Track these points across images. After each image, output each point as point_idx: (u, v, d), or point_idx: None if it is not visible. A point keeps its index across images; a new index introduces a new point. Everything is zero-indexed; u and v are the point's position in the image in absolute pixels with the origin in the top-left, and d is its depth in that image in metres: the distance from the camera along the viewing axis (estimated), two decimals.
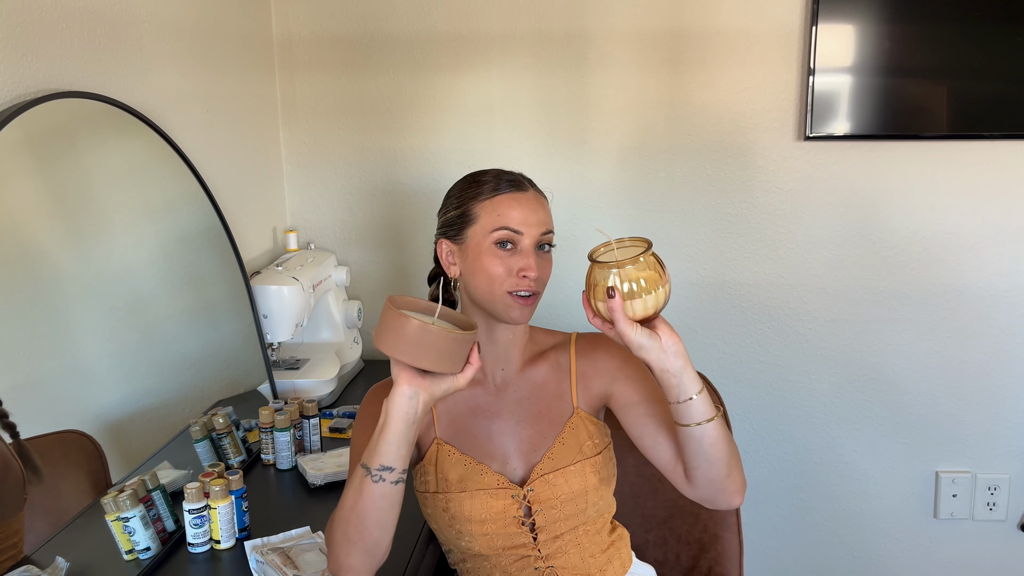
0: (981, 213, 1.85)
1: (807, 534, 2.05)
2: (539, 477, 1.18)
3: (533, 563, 1.20)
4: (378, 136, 1.95)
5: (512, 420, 1.21)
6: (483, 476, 1.18)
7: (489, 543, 1.18)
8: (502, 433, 1.21)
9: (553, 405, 1.22)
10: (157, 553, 1.16)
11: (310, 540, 1.18)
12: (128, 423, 1.27)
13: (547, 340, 1.27)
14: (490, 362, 1.22)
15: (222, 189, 1.63)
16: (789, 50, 1.81)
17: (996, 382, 1.92)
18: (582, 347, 1.26)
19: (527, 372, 1.23)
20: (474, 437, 1.20)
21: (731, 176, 1.88)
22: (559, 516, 1.18)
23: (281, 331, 1.65)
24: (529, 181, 1.21)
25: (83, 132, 1.25)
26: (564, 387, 1.24)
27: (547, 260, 1.17)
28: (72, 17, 1.24)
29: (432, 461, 1.19)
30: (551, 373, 1.24)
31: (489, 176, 1.19)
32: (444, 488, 1.18)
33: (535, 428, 1.21)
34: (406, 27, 1.89)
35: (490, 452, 1.20)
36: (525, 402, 1.22)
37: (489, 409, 1.22)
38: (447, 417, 1.21)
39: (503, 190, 1.17)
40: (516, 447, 1.21)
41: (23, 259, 1.12)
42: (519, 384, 1.23)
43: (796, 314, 1.94)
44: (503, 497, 1.17)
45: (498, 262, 1.14)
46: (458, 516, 1.17)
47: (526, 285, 1.13)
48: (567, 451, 1.20)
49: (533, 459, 1.20)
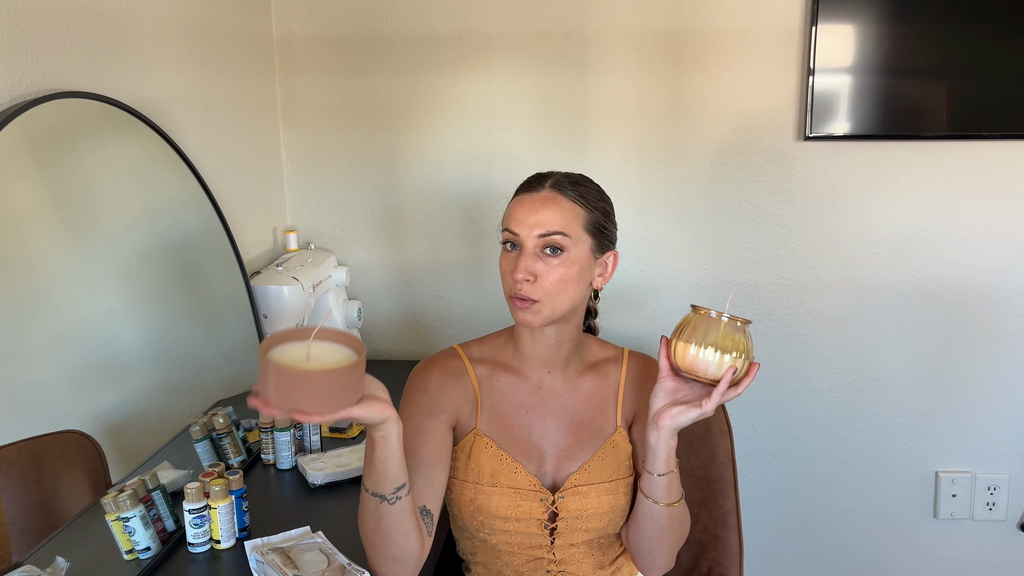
0: (981, 213, 1.85)
1: (807, 534, 2.05)
2: (572, 487, 1.18)
3: (546, 565, 1.20)
4: (378, 136, 1.95)
5: (554, 423, 1.21)
6: (516, 475, 1.18)
7: (507, 539, 1.18)
8: (542, 434, 1.21)
9: (596, 419, 1.22)
10: (157, 553, 1.16)
11: (310, 540, 1.18)
12: (128, 423, 1.27)
13: (599, 352, 1.27)
14: (536, 364, 1.22)
15: (222, 189, 1.63)
16: (789, 50, 1.81)
17: (996, 382, 1.92)
18: (632, 368, 1.26)
19: (577, 381, 1.23)
20: (514, 434, 1.20)
21: (731, 176, 1.88)
22: (582, 527, 1.19)
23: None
24: (556, 178, 1.16)
25: (83, 132, 1.25)
26: (610, 403, 1.23)
27: (554, 265, 1.12)
28: (72, 17, 1.24)
29: (466, 449, 1.19)
30: (599, 386, 1.24)
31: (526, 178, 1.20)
32: (475, 479, 1.18)
33: (575, 437, 1.21)
34: (406, 27, 1.89)
35: (527, 451, 1.20)
36: (570, 410, 1.22)
37: (532, 408, 1.21)
38: (490, 411, 1.21)
39: (520, 191, 1.17)
40: (553, 451, 1.20)
41: (23, 259, 1.12)
42: (567, 391, 1.23)
43: (796, 314, 1.94)
44: (532, 499, 1.17)
45: (504, 262, 1.15)
46: (484, 508, 1.17)
47: (516, 288, 1.12)
48: (605, 467, 1.20)
49: (568, 467, 1.20)
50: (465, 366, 1.23)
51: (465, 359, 1.23)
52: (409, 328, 2.04)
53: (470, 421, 1.21)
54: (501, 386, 1.22)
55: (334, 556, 1.10)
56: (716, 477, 1.57)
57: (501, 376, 1.22)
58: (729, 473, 1.57)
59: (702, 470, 1.57)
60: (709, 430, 1.57)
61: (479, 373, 1.22)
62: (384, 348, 2.05)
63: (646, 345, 1.96)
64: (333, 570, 1.07)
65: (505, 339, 1.25)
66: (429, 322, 2.02)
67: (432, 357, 1.24)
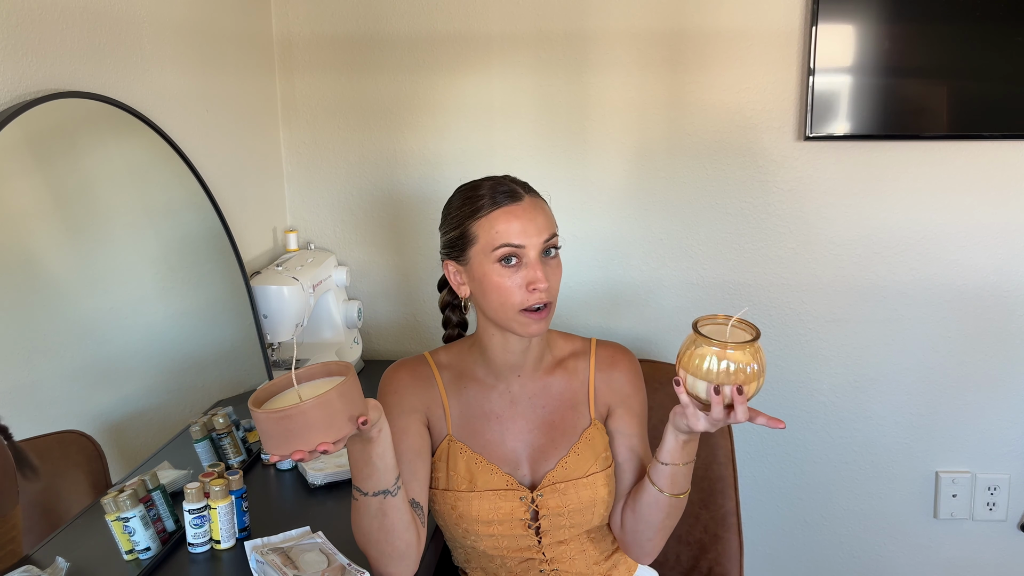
0: (981, 213, 1.85)
1: (807, 534, 2.05)
2: (550, 484, 1.18)
3: (538, 565, 1.20)
4: (378, 136, 1.95)
5: (526, 427, 1.21)
6: (493, 476, 1.18)
7: (495, 544, 1.18)
8: (515, 439, 1.21)
9: (568, 415, 1.22)
10: (157, 553, 1.16)
11: (310, 540, 1.18)
12: (128, 423, 1.27)
13: (566, 346, 1.26)
14: (505, 370, 1.21)
15: (222, 189, 1.63)
16: (789, 50, 1.81)
17: (996, 382, 1.92)
18: (602, 359, 1.25)
19: (545, 380, 1.23)
20: (487, 440, 1.20)
21: (731, 176, 1.88)
22: (565, 524, 1.19)
23: (281, 331, 1.65)
24: (524, 186, 1.16)
25: (83, 132, 1.25)
26: (581, 397, 1.23)
27: (555, 265, 1.14)
28: (72, 17, 1.24)
29: (443, 458, 1.19)
30: (568, 382, 1.23)
31: (483, 190, 1.14)
32: (454, 485, 1.18)
33: (548, 437, 1.21)
34: (406, 27, 1.88)
35: (502, 455, 1.20)
36: (541, 410, 1.22)
37: (503, 415, 1.21)
38: (461, 418, 1.21)
39: (499, 204, 1.12)
40: (528, 454, 1.21)
41: (23, 259, 1.12)
42: (536, 392, 1.22)
43: (796, 314, 1.94)
44: (511, 499, 1.17)
45: (506, 280, 1.11)
46: (466, 515, 1.17)
47: (536, 299, 1.10)
48: (582, 461, 1.20)
49: (544, 467, 1.20)
50: (432, 372, 1.23)
51: (433, 365, 1.24)
52: (409, 328, 2.04)
53: (442, 427, 1.21)
54: (469, 393, 1.22)
55: (334, 556, 1.10)
56: (716, 477, 1.57)
57: (468, 384, 1.22)
58: (729, 473, 1.58)
59: (702, 470, 1.57)
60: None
61: (446, 379, 1.22)
62: (384, 348, 2.05)
63: (646, 346, 1.97)
64: (333, 570, 1.07)
65: (469, 347, 1.24)
66: (429, 322, 2.02)
67: (401, 361, 1.24)
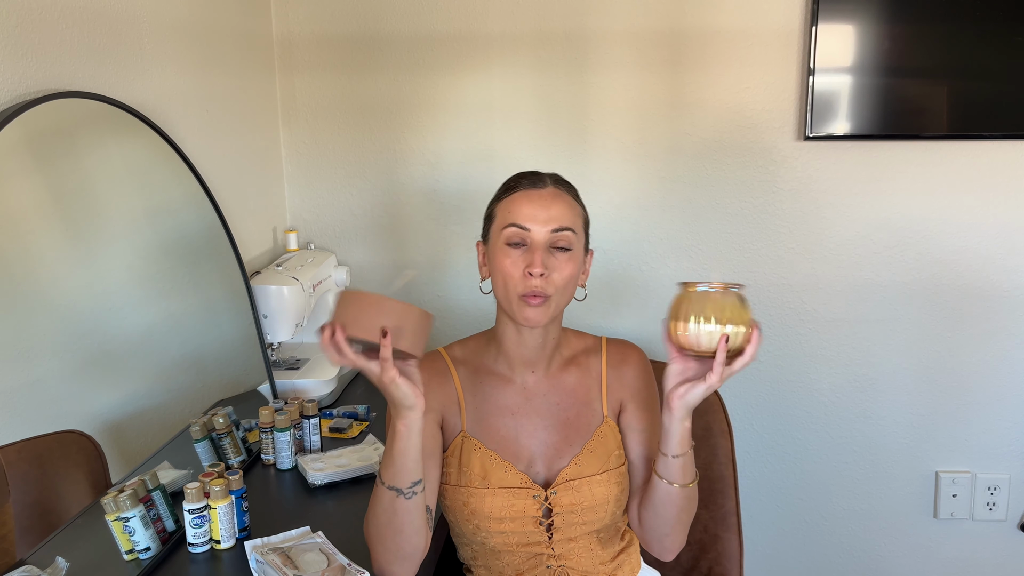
0: (981, 213, 1.85)
1: (807, 534, 2.05)
2: (564, 482, 1.18)
3: (545, 561, 1.20)
4: (378, 136, 1.95)
5: (540, 424, 1.21)
6: (507, 473, 1.18)
7: (505, 540, 1.18)
8: (529, 435, 1.21)
9: (582, 412, 1.22)
10: (157, 553, 1.16)
11: (310, 540, 1.18)
12: (128, 423, 1.27)
13: (578, 343, 1.26)
14: (520, 365, 1.21)
15: (222, 189, 1.63)
16: (789, 50, 1.81)
17: (996, 382, 1.92)
18: (612, 355, 1.25)
19: (559, 377, 1.23)
20: (501, 436, 1.20)
21: (731, 176, 1.88)
22: (577, 521, 1.19)
23: (281, 331, 1.65)
24: (553, 178, 1.18)
25: (83, 132, 1.25)
26: (594, 395, 1.23)
27: (564, 260, 1.13)
28: (72, 17, 1.24)
29: (456, 453, 1.19)
30: (581, 379, 1.23)
31: (519, 177, 1.18)
32: (467, 482, 1.18)
33: (562, 434, 1.21)
34: (406, 27, 1.89)
35: (516, 452, 1.20)
36: (555, 407, 1.22)
37: (518, 411, 1.21)
38: (475, 413, 1.21)
39: (521, 188, 1.15)
40: (542, 451, 1.20)
41: (23, 259, 1.12)
42: (550, 389, 1.22)
43: (796, 314, 1.94)
44: (525, 497, 1.17)
45: (508, 261, 1.12)
46: (478, 512, 1.17)
47: (531, 285, 1.11)
48: (595, 459, 1.20)
49: (558, 464, 1.20)
50: (448, 367, 1.23)
51: (448, 361, 1.23)
52: None
53: (456, 423, 1.21)
54: (485, 389, 1.22)
55: (334, 556, 1.10)
56: (716, 477, 1.57)
57: (484, 379, 1.22)
58: (729, 473, 1.57)
59: (702, 470, 1.57)
60: (709, 430, 1.57)
61: (462, 375, 1.22)
62: None
63: (646, 345, 1.96)
64: (333, 570, 1.07)
65: (486, 341, 1.25)
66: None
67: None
